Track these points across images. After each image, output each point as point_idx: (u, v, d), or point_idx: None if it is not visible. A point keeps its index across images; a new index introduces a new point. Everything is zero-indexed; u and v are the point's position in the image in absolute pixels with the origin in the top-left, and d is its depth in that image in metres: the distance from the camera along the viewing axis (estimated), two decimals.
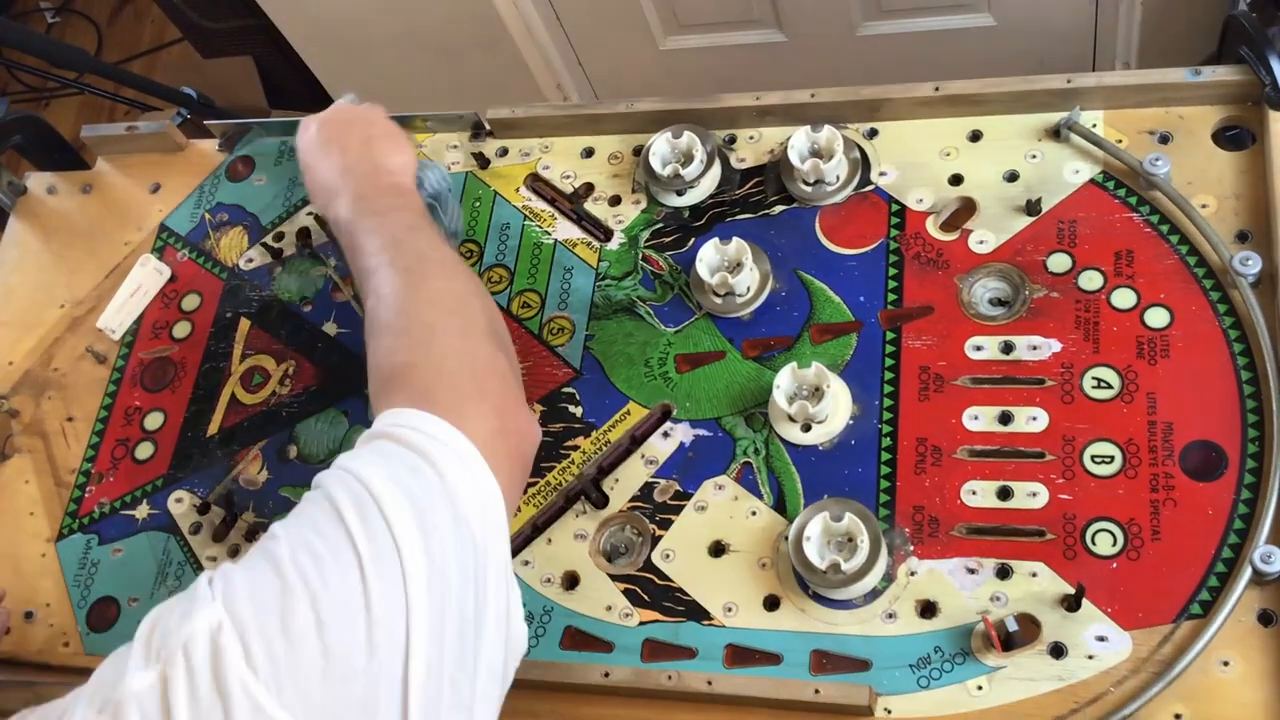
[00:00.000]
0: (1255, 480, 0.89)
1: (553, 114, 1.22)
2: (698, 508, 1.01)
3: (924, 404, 1.00)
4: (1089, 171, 1.05)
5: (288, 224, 1.29)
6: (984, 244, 1.05)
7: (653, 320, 1.11)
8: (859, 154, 1.12)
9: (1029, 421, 0.96)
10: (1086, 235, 1.02)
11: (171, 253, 1.32)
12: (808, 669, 0.92)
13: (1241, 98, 1.03)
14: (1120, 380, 0.96)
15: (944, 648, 0.90)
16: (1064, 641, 0.88)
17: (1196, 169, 1.01)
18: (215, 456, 1.18)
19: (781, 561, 0.97)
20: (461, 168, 1.25)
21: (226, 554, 1.12)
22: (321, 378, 1.19)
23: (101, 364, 1.27)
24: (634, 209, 1.17)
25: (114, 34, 3.00)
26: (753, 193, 1.14)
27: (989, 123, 1.09)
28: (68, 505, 1.20)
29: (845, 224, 1.10)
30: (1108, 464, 0.93)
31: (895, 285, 1.05)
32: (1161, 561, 0.89)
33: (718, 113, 1.17)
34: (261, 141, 1.35)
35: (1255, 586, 0.86)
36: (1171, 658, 0.85)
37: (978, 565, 0.92)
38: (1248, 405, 0.92)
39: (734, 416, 1.04)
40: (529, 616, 1.01)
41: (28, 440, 1.26)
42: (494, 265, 1.19)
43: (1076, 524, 0.92)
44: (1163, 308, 0.97)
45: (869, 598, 0.94)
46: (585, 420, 1.08)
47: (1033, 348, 0.99)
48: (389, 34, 1.99)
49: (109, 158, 1.42)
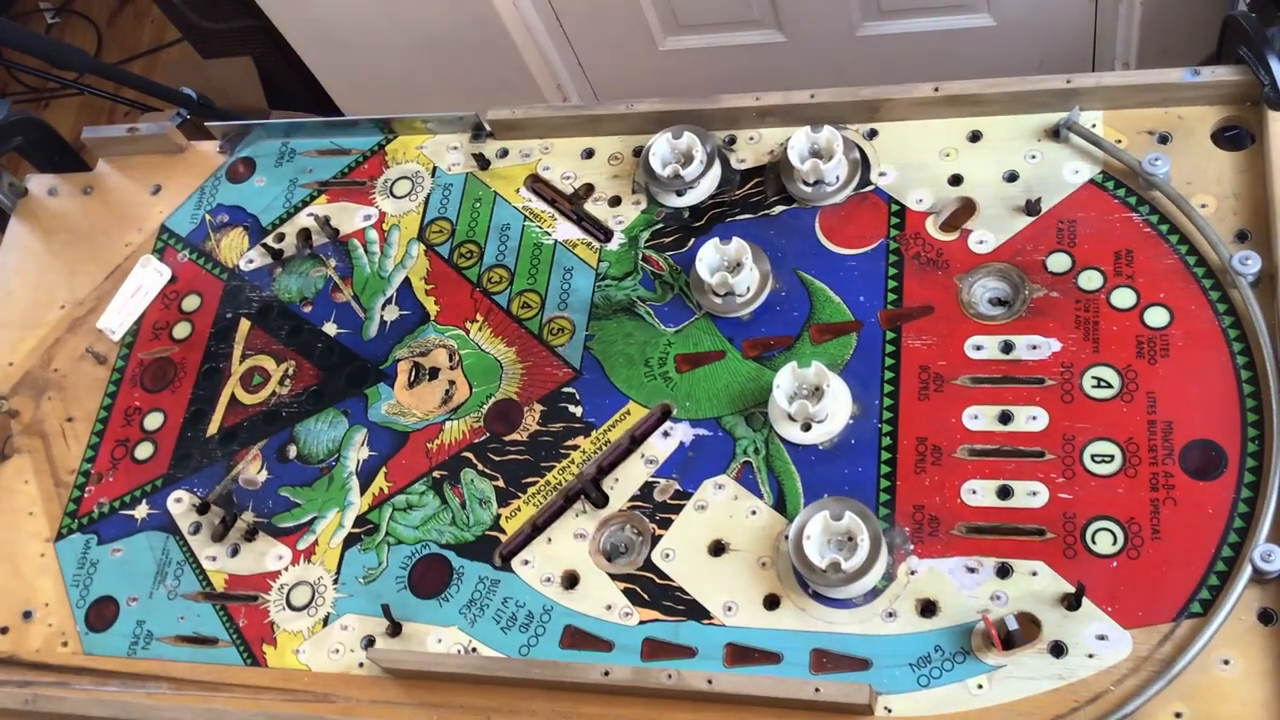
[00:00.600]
0: (1255, 479, 0.89)
1: (553, 115, 1.22)
2: (698, 507, 1.01)
3: (924, 403, 1.00)
4: (1088, 171, 1.05)
5: (288, 225, 1.29)
6: (984, 244, 1.05)
7: (653, 320, 1.11)
8: (859, 154, 1.12)
9: (1029, 421, 0.96)
10: (1086, 235, 1.02)
11: (172, 254, 1.32)
12: (808, 668, 0.92)
13: (1241, 98, 1.03)
14: (1120, 379, 0.96)
15: (944, 646, 0.90)
16: (1064, 640, 0.88)
17: (1196, 169, 1.02)
18: (215, 456, 1.18)
19: (781, 560, 0.97)
20: (462, 169, 1.25)
21: (226, 554, 1.12)
22: (321, 378, 1.19)
23: (101, 364, 1.27)
24: (634, 209, 1.17)
25: (114, 34, 3.00)
26: (753, 193, 1.14)
27: (989, 123, 1.09)
28: (67, 505, 1.20)
29: (845, 224, 1.10)
30: (1108, 463, 0.93)
31: (895, 285, 1.06)
32: (1161, 560, 0.89)
33: (718, 113, 1.17)
34: (262, 143, 1.35)
35: (1255, 585, 0.86)
36: (1172, 656, 0.85)
37: (978, 564, 0.93)
38: (1247, 404, 0.92)
39: (734, 416, 1.04)
40: (529, 616, 1.01)
41: (27, 440, 1.26)
42: (494, 266, 1.19)
43: (1077, 523, 0.92)
44: (1162, 307, 0.98)
45: (869, 597, 0.94)
46: (585, 420, 1.08)
47: (1032, 347, 0.99)
48: (389, 34, 1.99)
49: (110, 159, 1.42)
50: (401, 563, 1.07)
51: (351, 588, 1.07)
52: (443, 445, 1.11)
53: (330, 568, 1.08)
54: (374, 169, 1.29)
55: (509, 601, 1.02)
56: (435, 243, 1.22)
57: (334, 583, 1.08)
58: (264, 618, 1.08)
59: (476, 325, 1.16)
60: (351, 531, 1.10)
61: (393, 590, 1.06)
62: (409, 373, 1.16)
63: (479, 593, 1.03)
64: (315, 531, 1.10)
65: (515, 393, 1.12)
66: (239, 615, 1.09)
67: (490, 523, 1.06)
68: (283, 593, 1.09)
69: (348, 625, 1.05)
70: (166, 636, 1.10)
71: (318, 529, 1.10)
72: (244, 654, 1.07)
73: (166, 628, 1.10)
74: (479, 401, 1.12)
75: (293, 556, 1.10)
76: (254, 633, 1.07)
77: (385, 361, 1.17)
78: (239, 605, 1.09)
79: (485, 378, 1.13)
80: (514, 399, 1.12)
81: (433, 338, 1.17)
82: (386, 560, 1.07)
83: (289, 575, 1.09)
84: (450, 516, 1.08)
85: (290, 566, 1.10)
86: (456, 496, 1.09)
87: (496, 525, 1.06)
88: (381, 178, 1.28)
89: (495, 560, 1.04)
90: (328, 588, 1.08)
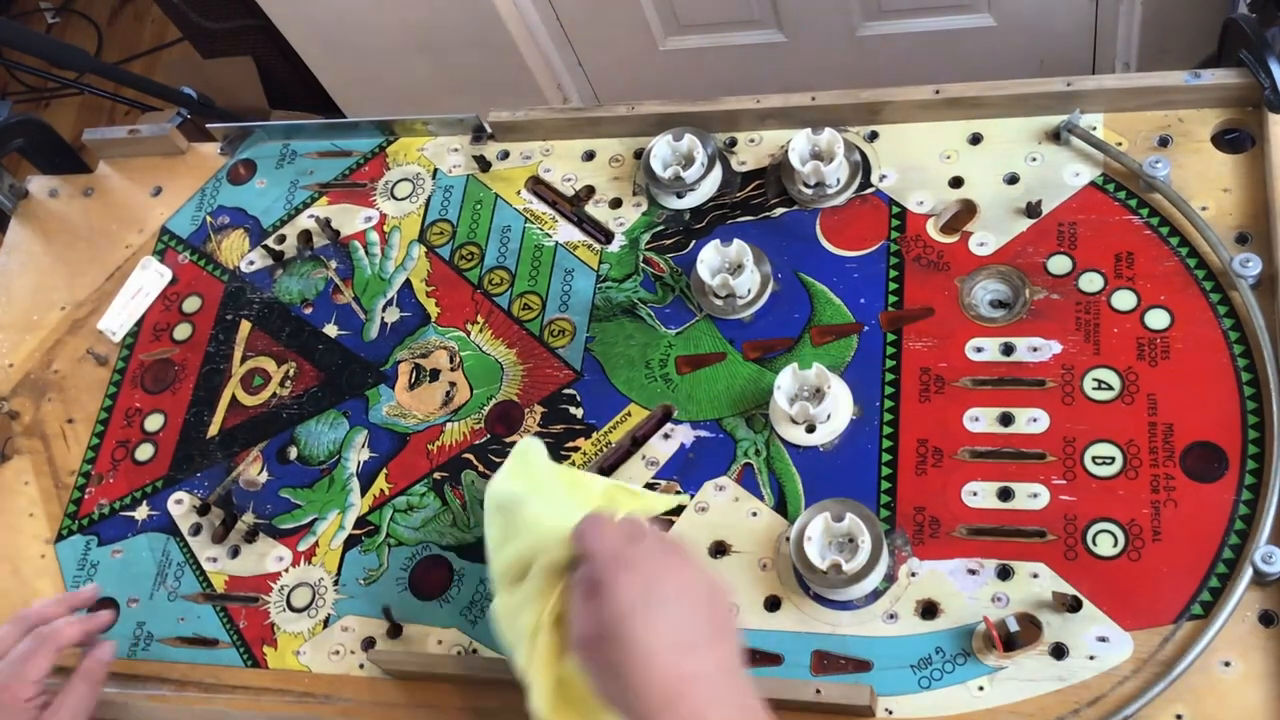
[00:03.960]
0: (1256, 481, 0.89)
1: (553, 117, 1.22)
2: (699, 509, 1.01)
3: (925, 405, 1.00)
4: (1089, 174, 1.05)
5: (289, 226, 1.29)
6: (984, 246, 1.05)
7: (653, 322, 1.11)
8: (859, 156, 1.12)
9: (1030, 423, 0.96)
10: (1087, 237, 1.02)
11: (173, 255, 1.32)
12: (808, 669, 0.93)
13: (1241, 101, 1.03)
14: (1121, 381, 0.96)
15: (945, 648, 0.90)
16: (1065, 642, 0.88)
17: (1196, 171, 1.02)
18: (215, 458, 1.18)
19: (782, 562, 0.97)
20: (463, 171, 1.25)
21: (226, 555, 1.12)
22: (322, 380, 1.19)
23: (102, 366, 1.27)
24: (635, 211, 1.17)
25: (114, 34, 3.00)
26: (753, 195, 1.14)
27: (989, 125, 1.09)
28: (67, 506, 1.20)
29: (846, 226, 1.10)
30: (1108, 465, 0.93)
31: (896, 287, 1.06)
32: (1162, 562, 0.89)
33: (718, 115, 1.17)
34: (263, 145, 1.35)
35: (1256, 587, 0.86)
36: (1172, 658, 0.85)
37: (979, 566, 0.93)
38: (1248, 406, 0.92)
39: (735, 418, 1.05)
40: None
41: (28, 442, 1.26)
42: (495, 268, 1.19)
43: (1077, 525, 0.92)
44: (1163, 309, 0.98)
45: (870, 598, 0.94)
46: (586, 422, 1.08)
47: (1033, 349, 0.99)
48: (389, 34, 1.99)
49: (111, 161, 1.42)
50: (402, 564, 1.07)
51: (352, 589, 1.07)
52: (443, 447, 1.11)
53: (331, 569, 1.09)
54: (375, 171, 1.29)
55: None
56: (436, 244, 1.22)
57: (334, 584, 1.08)
58: (264, 619, 1.08)
59: (477, 327, 1.16)
60: (352, 533, 1.10)
61: (393, 592, 1.06)
62: (410, 374, 1.16)
63: (480, 594, 1.03)
64: (316, 533, 1.10)
65: (516, 394, 1.12)
66: (239, 616, 1.09)
67: None
68: (283, 594, 1.09)
69: (348, 626, 1.05)
70: (167, 638, 1.10)
71: (318, 530, 1.11)
72: (244, 655, 1.07)
73: (167, 629, 1.10)
74: (480, 403, 1.12)
75: (293, 558, 1.10)
76: (254, 634, 1.07)
77: (386, 363, 1.17)
78: (239, 606, 1.09)
79: (486, 379, 1.14)
80: (515, 400, 1.12)
81: (434, 339, 1.17)
82: (387, 562, 1.07)
83: (289, 577, 1.09)
84: (451, 518, 1.08)
85: (291, 568, 1.10)
86: (457, 498, 1.09)
87: None
88: (382, 180, 1.28)
89: None
90: (328, 589, 1.08)
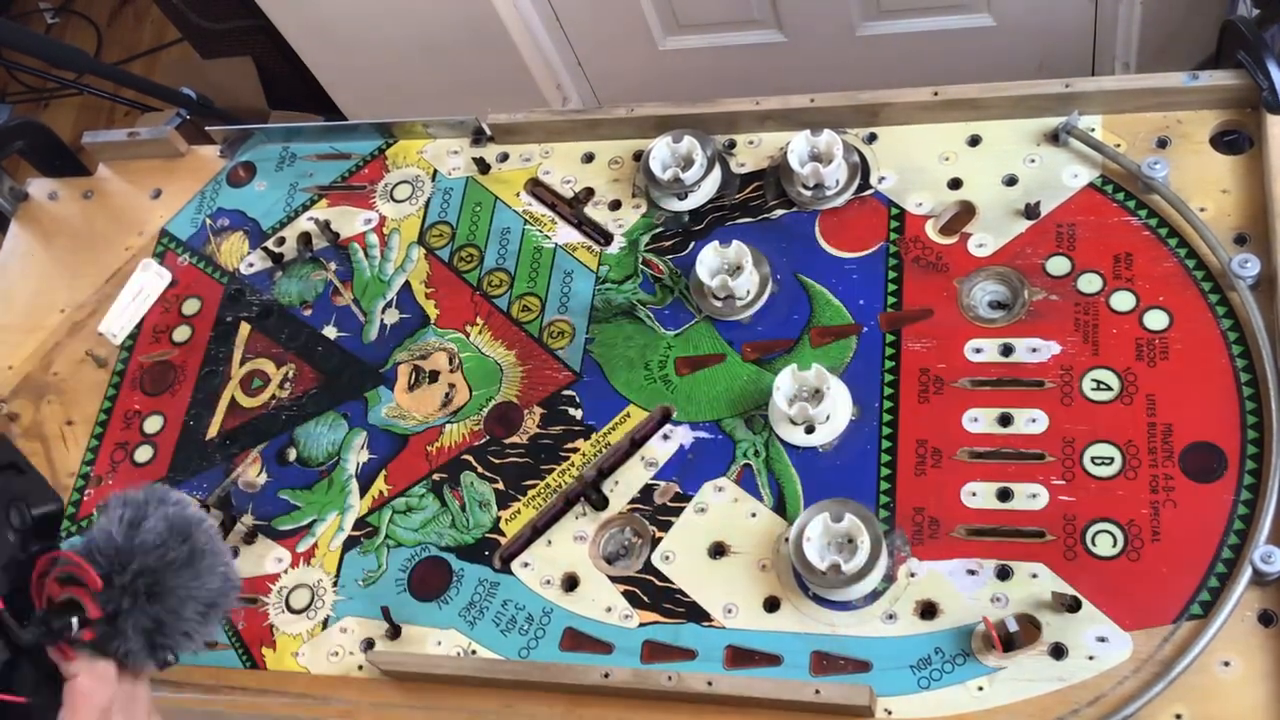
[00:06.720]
0: (1255, 481, 0.89)
1: (553, 119, 1.22)
2: (698, 509, 1.01)
3: (924, 406, 1.00)
4: (1088, 175, 1.05)
5: (288, 229, 1.29)
6: (983, 247, 1.05)
7: (653, 323, 1.11)
8: (858, 158, 1.12)
9: (1029, 423, 0.97)
10: (1085, 238, 1.02)
11: (172, 257, 1.32)
12: (808, 670, 0.93)
13: (1240, 102, 1.03)
14: (1120, 382, 0.96)
15: (945, 648, 0.90)
16: (1064, 642, 0.88)
17: (1195, 173, 1.02)
18: (214, 459, 1.18)
19: (781, 563, 0.97)
20: (462, 173, 1.26)
21: None
22: (321, 381, 1.19)
23: (101, 368, 1.27)
24: (634, 213, 1.17)
25: (114, 34, 3.00)
26: (752, 197, 1.15)
27: (988, 127, 1.09)
28: (66, 508, 1.20)
29: (845, 228, 1.10)
30: (1108, 465, 0.93)
31: (895, 288, 1.06)
32: (1162, 562, 0.89)
33: (718, 117, 1.17)
34: (262, 147, 1.35)
35: (1255, 587, 0.86)
36: (1172, 658, 0.85)
37: (978, 566, 0.93)
38: (1247, 406, 0.92)
39: (734, 419, 1.05)
40: (529, 618, 1.01)
41: (27, 444, 1.26)
42: (495, 269, 1.19)
43: (1077, 525, 0.92)
44: (1162, 310, 0.98)
45: (869, 599, 0.94)
46: (585, 423, 1.08)
47: (1032, 350, 0.99)
48: (389, 35, 1.99)
49: (111, 163, 1.42)
50: (401, 565, 1.07)
51: (351, 590, 1.07)
52: (442, 448, 1.11)
53: (330, 570, 1.09)
54: (374, 173, 1.29)
55: (509, 604, 1.02)
56: (435, 246, 1.22)
57: (333, 585, 1.08)
58: (263, 620, 1.08)
59: (477, 328, 1.17)
60: (351, 534, 1.10)
61: (392, 593, 1.06)
62: (409, 376, 1.16)
63: (479, 595, 1.03)
64: (315, 534, 1.11)
65: (515, 395, 1.12)
66: (238, 618, 1.09)
67: (490, 525, 1.06)
68: (282, 595, 1.09)
69: (347, 628, 1.05)
70: None
71: (317, 532, 1.11)
72: (243, 656, 1.07)
73: None
74: (479, 404, 1.12)
75: (292, 559, 1.10)
76: (253, 635, 1.07)
77: (385, 365, 1.17)
78: (238, 608, 1.09)
79: (485, 381, 1.14)
80: (514, 402, 1.12)
81: (433, 341, 1.17)
82: (386, 563, 1.07)
83: (288, 578, 1.09)
84: (450, 519, 1.08)
85: (290, 569, 1.10)
86: (456, 499, 1.09)
87: (496, 528, 1.06)
88: (382, 182, 1.28)
89: (495, 563, 1.05)
90: (327, 590, 1.08)
